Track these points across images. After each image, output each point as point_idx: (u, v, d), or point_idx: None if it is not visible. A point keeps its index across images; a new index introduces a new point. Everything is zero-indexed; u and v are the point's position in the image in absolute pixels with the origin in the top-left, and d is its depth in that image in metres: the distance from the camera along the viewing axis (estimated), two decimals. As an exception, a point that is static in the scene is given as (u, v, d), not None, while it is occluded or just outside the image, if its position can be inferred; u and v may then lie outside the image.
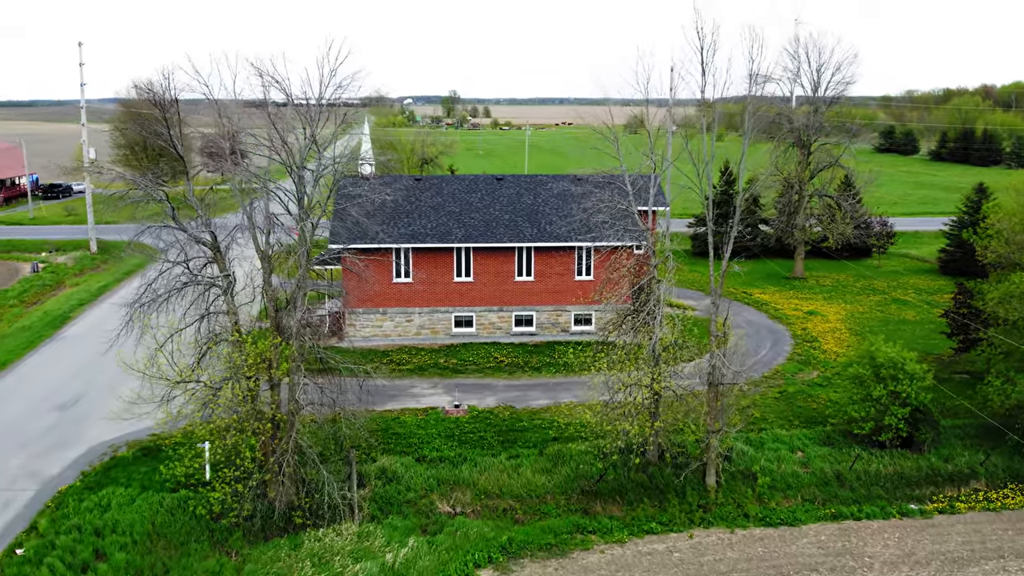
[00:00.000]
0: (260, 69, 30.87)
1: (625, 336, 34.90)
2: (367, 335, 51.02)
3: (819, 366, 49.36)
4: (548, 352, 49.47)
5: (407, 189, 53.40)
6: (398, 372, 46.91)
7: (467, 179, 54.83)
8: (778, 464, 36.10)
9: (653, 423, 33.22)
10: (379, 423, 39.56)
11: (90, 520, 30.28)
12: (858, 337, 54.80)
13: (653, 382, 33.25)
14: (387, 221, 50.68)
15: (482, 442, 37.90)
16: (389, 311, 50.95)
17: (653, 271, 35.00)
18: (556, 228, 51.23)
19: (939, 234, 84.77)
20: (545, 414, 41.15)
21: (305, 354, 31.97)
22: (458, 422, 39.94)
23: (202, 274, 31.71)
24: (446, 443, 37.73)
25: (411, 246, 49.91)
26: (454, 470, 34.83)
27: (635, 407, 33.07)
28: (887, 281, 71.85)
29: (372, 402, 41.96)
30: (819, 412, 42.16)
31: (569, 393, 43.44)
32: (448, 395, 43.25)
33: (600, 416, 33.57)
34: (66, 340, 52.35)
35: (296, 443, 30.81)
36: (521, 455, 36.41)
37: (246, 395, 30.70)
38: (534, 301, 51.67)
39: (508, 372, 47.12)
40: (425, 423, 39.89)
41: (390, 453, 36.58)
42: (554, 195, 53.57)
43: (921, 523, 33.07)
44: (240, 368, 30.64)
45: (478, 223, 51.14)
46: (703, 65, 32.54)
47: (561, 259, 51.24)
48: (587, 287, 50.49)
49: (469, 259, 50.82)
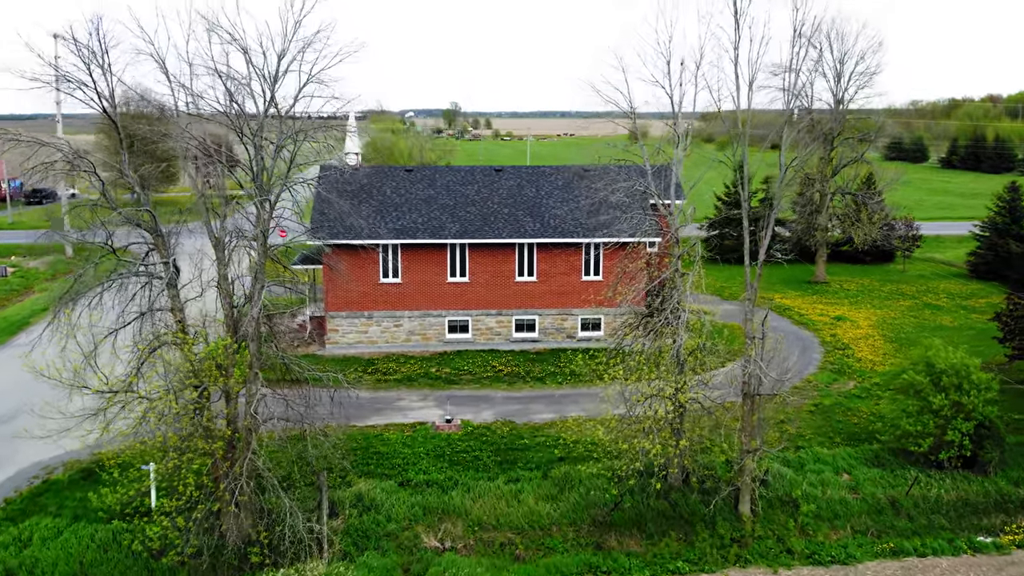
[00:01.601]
0: (213, 23, 25.89)
1: (643, 341, 29.79)
2: (351, 341, 45.91)
3: (855, 375, 44.24)
4: (552, 360, 44.34)
5: (397, 181, 48.44)
6: (384, 383, 41.79)
7: (462, 170, 49.87)
8: (822, 489, 30.91)
9: (678, 441, 28.07)
10: (359, 440, 34.43)
11: (2, 559, 25.13)
12: (894, 344, 49.93)
13: (677, 392, 28.13)
14: (374, 215, 45.72)
15: (477, 463, 32.73)
16: (375, 315, 45.88)
17: (677, 263, 29.93)
18: (561, 223, 46.22)
19: (963, 238, 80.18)
20: (549, 430, 36.03)
21: (264, 360, 26.91)
22: (450, 439, 34.79)
23: (144, 264, 26.67)
24: (435, 464, 32.57)
25: (400, 242, 44.91)
26: (443, 496, 29.65)
27: (656, 422, 27.95)
28: (914, 286, 67.11)
29: (351, 416, 36.94)
30: (861, 427, 37.01)
31: (577, 406, 38.30)
32: (439, 408, 38.12)
33: (615, 433, 28.42)
34: (19, 347, 47.21)
35: (253, 466, 25.64)
36: (522, 478, 31.24)
37: (193, 407, 25.65)
38: (536, 304, 46.59)
39: (507, 383, 42.01)
40: (412, 440, 34.75)
41: (369, 476, 31.42)
42: (558, 187, 48.60)
43: (998, 560, 27.82)
44: (185, 375, 25.59)
45: (474, 217, 46.16)
46: (736, 57, 27.57)
47: (567, 257, 46.20)
48: (596, 288, 45.41)
49: (464, 257, 45.77)
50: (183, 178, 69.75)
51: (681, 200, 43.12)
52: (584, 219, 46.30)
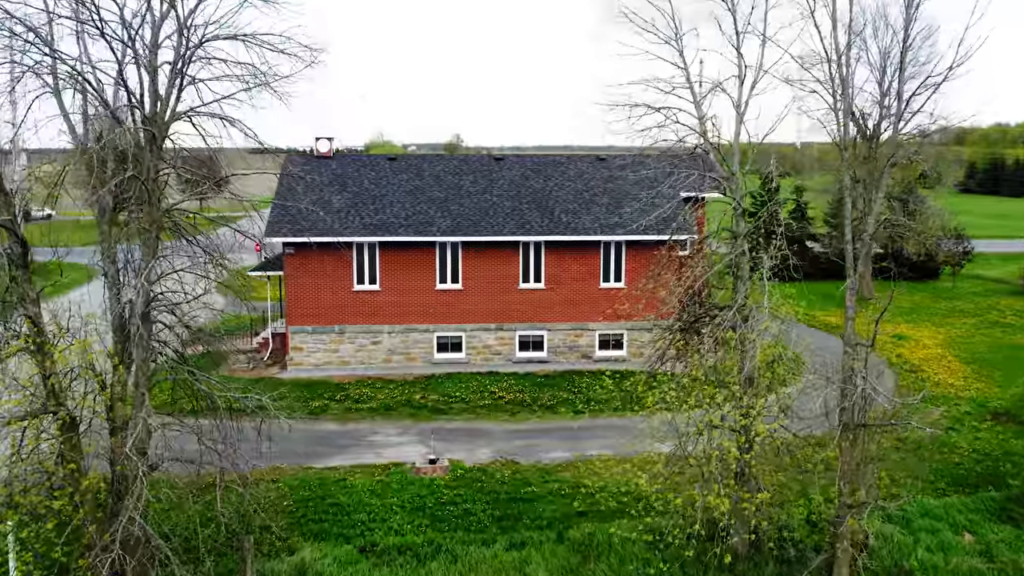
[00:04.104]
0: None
1: (702, 348, 21.49)
2: (318, 362, 37.60)
3: (937, 402, 35.92)
4: (565, 384, 35.95)
5: (377, 171, 40.48)
6: (355, 412, 33.43)
7: (456, 159, 41.97)
8: (943, 556, 22.41)
9: (755, 494, 19.66)
10: (313, 488, 26.06)
11: None
12: (972, 366, 41.84)
13: (751, 421, 19.81)
14: (347, 208, 37.68)
15: (468, 519, 24.28)
16: (348, 330, 37.61)
17: (742, 242, 21.73)
18: (576, 218, 38.14)
19: (1009, 255, 73.57)
20: (564, 473, 27.67)
21: (154, 376, 18.75)
22: (433, 486, 26.36)
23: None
24: (411, 521, 24.11)
25: (378, 239, 36.81)
26: (420, 570, 21.17)
27: (722, 464, 19.63)
28: (971, 303, 59.54)
29: (310, 455, 28.80)
30: (967, 468, 28.69)
31: (599, 441, 29.91)
32: (422, 444, 29.70)
33: (663, 479, 20.09)
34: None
35: (128, 532, 17.22)
36: (529, 542, 22.68)
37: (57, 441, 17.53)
38: (545, 316, 38.34)
39: (509, 412, 33.63)
40: (384, 488, 26.30)
41: (321, 538, 22.97)
42: (571, 178, 40.61)
43: None
44: (34, 396, 17.43)
45: (469, 211, 38.10)
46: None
47: (582, 259, 38.05)
48: (617, 297, 37.03)
49: (457, 259, 37.64)
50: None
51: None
52: (603, 215, 38.23)
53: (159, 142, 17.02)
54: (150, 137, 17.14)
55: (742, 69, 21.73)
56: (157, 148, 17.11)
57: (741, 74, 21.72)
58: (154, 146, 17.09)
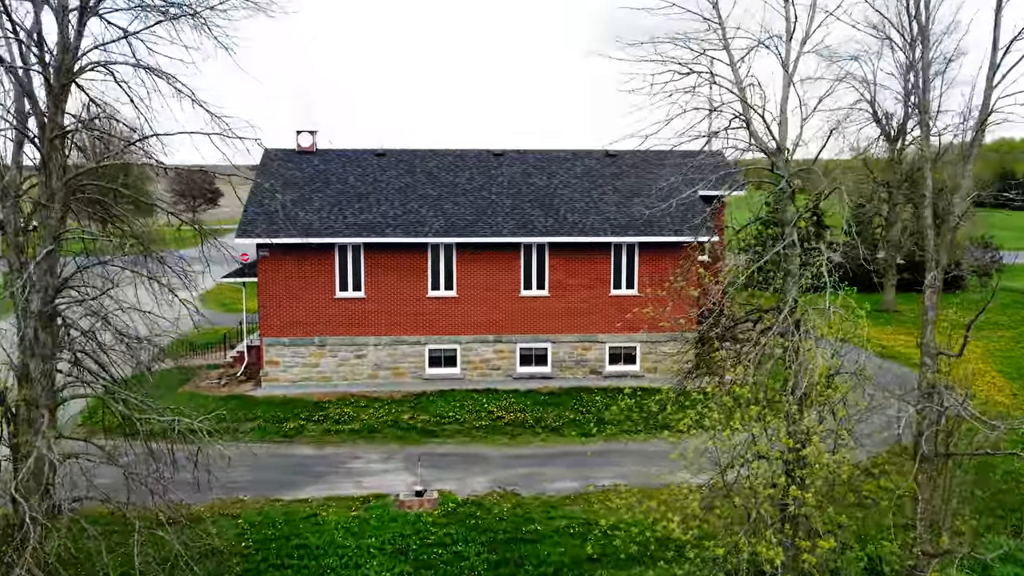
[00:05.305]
0: None
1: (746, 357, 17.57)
2: (296, 378, 33.69)
3: (991, 424, 31.93)
4: (572, 403, 31.99)
5: (364, 167, 36.76)
6: (334, 434, 29.50)
7: (451, 154, 38.15)
8: (1037, 613, 18.47)
9: (814, 540, 15.68)
10: (278, 526, 22.11)
11: None
12: (1020, 381, 38.11)
13: (809, 449, 15.87)
14: (329, 206, 33.92)
15: (458, 564, 20.29)
16: (329, 341, 33.71)
17: (793, 231, 17.91)
18: (583, 217, 34.34)
19: None
20: (572, 507, 23.72)
21: (59, 393, 14.91)
22: (419, 523, 22.37)
23: None
24: (391, 568, 20.13)
25: (363, 240, 32.99)
26: (397, 633, 17.21)
27: (770, 504, 15.70)
28: (1004, 315, 55.98)
29: (278, 485, 25.00)
30: (1041, 501, 24.72)
31: (613, 469, 25.92)
32: (408, 473, 25.72)
33: (700, 521, 16.15)
34: None
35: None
36: (533, 595, 18.75)
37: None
38: (549, 327, 34.44)
39: (509, 435, 29.68)
40: (361, 525, 22.32)
41: (281, 590, 19.02)
42: (577, 175, 36.87)
43: None
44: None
45: (465, 210, 34.32)
46: None
47: (590, 263, 34.22)
48: (629, 305, 33.09)
49: (451, 263, 33.81)
50: None
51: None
52: (614, 215, 34.45)
53: (56, 92, 13.21)
54: (47, 87, 13.36)
55: (790, 22, 17.98)
56: (54, 100, 13.30)
57: (790, 28, 17.96)
58: (52, 98, 13.30)
